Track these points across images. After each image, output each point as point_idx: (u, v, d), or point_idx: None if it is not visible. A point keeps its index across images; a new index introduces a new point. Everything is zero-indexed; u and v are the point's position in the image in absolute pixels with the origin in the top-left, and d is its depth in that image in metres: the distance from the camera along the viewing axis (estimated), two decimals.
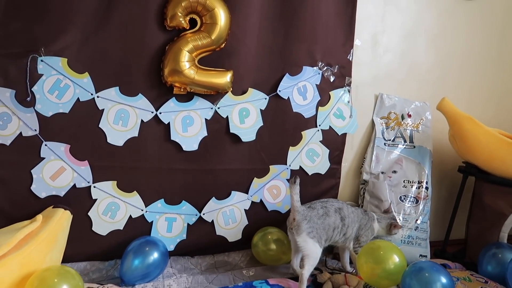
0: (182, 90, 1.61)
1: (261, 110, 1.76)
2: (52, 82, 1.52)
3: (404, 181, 1.91)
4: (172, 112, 1.65)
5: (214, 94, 1.67)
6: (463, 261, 1.91)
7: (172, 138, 1.66)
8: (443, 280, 1.36)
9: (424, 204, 1.88)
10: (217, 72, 1.63)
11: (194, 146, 1.69)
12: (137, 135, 1.62)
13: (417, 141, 2.00)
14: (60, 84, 1.53)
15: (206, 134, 1.70)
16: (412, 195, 1.89)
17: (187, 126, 1.67)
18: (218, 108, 1.70)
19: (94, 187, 1.61)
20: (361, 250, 1.57)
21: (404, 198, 1.88)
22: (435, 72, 2.11)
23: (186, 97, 1.67)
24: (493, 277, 1.64)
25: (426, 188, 1.90)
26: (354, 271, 1.71)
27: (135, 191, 1.66)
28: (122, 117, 1.60)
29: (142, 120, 1.62)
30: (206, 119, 1.70)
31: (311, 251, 1.49)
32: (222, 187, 1.78)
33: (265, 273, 1.70)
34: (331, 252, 1.91)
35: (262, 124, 1.77)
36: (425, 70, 2.09)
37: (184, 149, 1.68)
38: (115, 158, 1.62)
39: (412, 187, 1.90)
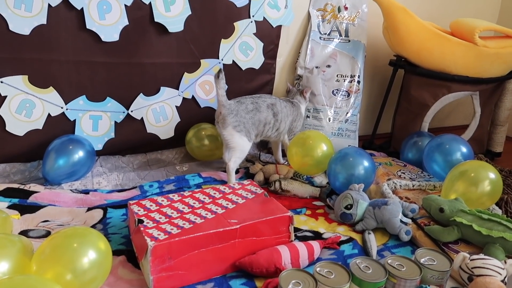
0: None
1: None
2: None
3: (337, 75, 1.91)
4: None
5: None
6: (388, 151, 2.03)
7: (88, 26, 1.48)
8: (366, 163, 1.44)
9: (355, 98, 1.91)
10: None
11: (115, 37, 1.54)
12: (45, 23, 1.43)
13: (352, 35, 1.97)
14: None
15: (128, 23, 1.54)
16: (344, 89, 1.91)
17: (104, 13, 1.50)
18: None
19: (2, 82, 1.44)
20: (291, 142, 1.60)
21: (337, 92, 1.90)
22: None
23: None
24: (413, 163, 1.76)
25: (358, 82, 1.92)
26: (286, 163, 1.76)
27: (51, 87, 1.52)
28: (23, 0, 1.38)
29: (49, 5, 1.42)
30: (126, 6, 1.52)
31: (237, 143, 1.50)
32: (150, 82, 1.67)
33: (199, 168, 1.71)
34: (265, 147, 1.94)
35: (190, 12, 1.63)
36: None
37: (103, 39, 1.52)
38: (23, 49, 1.43)
39: (344, 81, 1.91)
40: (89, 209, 1.34)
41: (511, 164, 1.99)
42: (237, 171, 1.66)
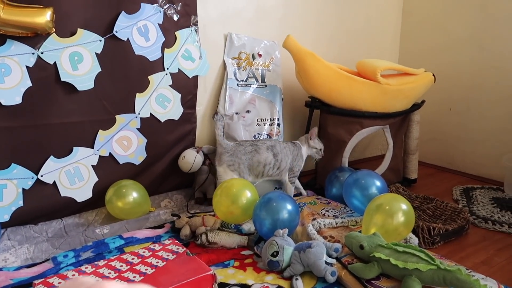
0: None
1: (96, 54, 1.57)
2: None
3: (257, 120, 1.96)
4: None
5: (33, 36, 1.42)
6: (314, 188, 2.08)
7: None
8: (289, 207, 1.45)
9: None
10: (33, 10, 1.38)
11: (17, 100, 1.45)
12: None
13: (269, 80, 2.04)
14: None
15: (31, 85, 1.47)
16: (265, 132, 1.95)
17: (3, 76, 1.41)
18: (42, 53, 1.47)
19: None
20: (215, 191, 1.58)
21: (258, 136, 1.94)
22: (280, 10, 2.13)
23: None
24: (336, 198, 1.82)
25: (278, 124, 1.98)
26: (307, 194, 1.94)
27: None
28: None
29: None
30: (27, 67, 1.45)
31: None
32: (61, 143, 1.58)
33: (122, 228, 1.62)
34: (192, 197, 1.90)
35: (100, 69, 1.59)
36: (271, 8, 2.10)
37: (3, 103, 1.42)
38: None
39: (265, 124, 1.96)
40: None
41: (426, 189, 2.13)
42: (162, 226, 1.60)
